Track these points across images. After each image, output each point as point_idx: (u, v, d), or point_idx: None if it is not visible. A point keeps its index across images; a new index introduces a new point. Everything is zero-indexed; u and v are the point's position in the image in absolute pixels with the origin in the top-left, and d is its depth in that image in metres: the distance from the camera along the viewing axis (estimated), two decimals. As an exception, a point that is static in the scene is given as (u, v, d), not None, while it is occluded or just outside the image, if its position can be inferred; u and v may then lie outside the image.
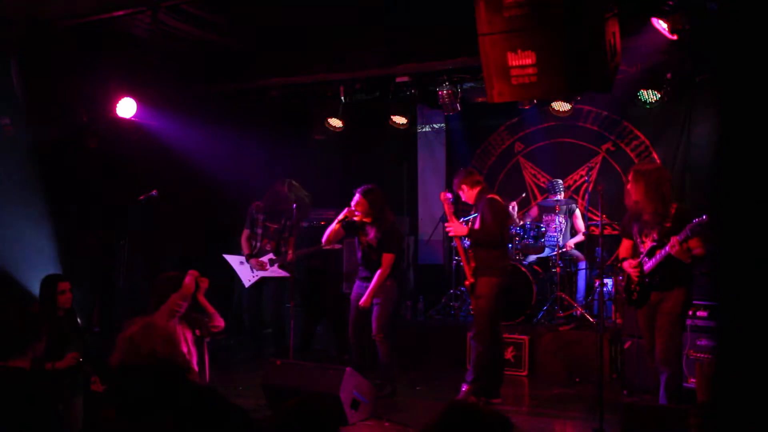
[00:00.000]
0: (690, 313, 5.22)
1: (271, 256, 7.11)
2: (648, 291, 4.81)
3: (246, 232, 7.22)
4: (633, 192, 4.78)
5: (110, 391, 2.77)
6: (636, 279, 4.84)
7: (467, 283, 5.64)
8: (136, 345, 2.81)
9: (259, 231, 7.17)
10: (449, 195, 5.75)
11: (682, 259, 4.56)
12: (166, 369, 2.66)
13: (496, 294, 5.49)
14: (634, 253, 4.95)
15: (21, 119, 6.40)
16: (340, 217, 5.88)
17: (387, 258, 5.86)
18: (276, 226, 7.15)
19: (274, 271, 7.08)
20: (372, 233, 5.87)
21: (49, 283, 4.85)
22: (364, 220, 5.89)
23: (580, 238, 7.82)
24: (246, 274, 7.16)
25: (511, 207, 7.55)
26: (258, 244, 7.18)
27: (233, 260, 7.24)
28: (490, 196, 5.64)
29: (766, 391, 1.26)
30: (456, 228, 5.60)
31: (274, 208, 7.15)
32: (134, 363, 2.72)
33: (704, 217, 4.41)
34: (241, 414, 2.48)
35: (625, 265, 4.94)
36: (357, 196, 5.87)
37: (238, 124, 7.86)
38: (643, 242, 4.84)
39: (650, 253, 4.75)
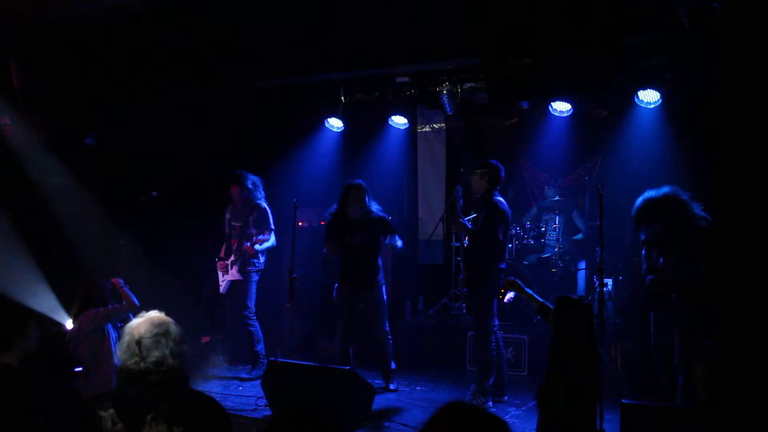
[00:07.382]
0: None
1: (233, 257, 6.64)
2: (666, 294, 4.81)
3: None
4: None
5: (112, 391, 2.69)
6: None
7: (461, 278, 5.67)
8: (144, 350, 2.55)
9: (227, 231, 6.78)
10: (461, 190, 5.76)
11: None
12: (170, 376, 2.55)
13: (493, 295, 5.52)
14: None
15: (21, 119, 6.41)
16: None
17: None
18: (240, 224, 6.65)
19: (234, 274, 6.61)
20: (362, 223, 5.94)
21: None
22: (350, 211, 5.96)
23: (579, 237, 7.84)
24: (220, 280, 6.76)
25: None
26: (230, 246, 6.74)
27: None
28: (496, 198, 5.64)
29: (766, 391, 1.26)
30: (458, 225, 5.61)
31: (236, 205, 6.71)
32: (136, 368, 2.54)
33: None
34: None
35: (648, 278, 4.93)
36: (360, 185, 5.95)
37: (237, 124, 7.86)
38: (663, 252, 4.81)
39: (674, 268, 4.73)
